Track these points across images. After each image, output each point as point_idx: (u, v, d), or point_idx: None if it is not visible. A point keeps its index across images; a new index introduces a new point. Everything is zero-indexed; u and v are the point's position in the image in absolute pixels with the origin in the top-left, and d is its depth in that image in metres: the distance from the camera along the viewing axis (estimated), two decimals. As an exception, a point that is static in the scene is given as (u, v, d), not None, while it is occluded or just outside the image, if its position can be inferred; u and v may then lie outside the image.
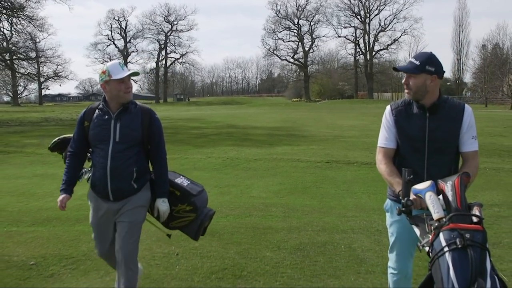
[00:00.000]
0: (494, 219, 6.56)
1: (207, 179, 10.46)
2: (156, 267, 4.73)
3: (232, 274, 4.51)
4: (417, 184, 2.53)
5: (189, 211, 3.61)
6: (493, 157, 14.39)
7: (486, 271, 2.06)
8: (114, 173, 3.38)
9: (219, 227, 6.19)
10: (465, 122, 2.96)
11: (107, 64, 3.45)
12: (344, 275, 4.50)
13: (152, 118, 3.54)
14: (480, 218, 2.24)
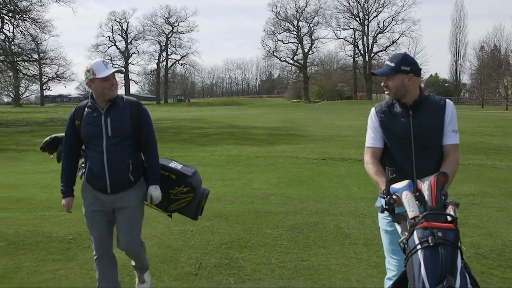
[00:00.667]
0: (466, 205, 7.47)
1: (212, 173, 11.42)
2: (175, 240, 5.67)
3: (238, 245, 5.45)
4: (395, 183, 2.59)
5: (187, 192, 3.75)
6: (479, 154, 15.32)
7: (456, 269, 2.13)
8: (112, 167, 3.48)
9: (226, 211, 7.14)
10: (447, 116, 3.01)
11: (91, 63, 3.52)
12: (331, 246, 5.44)
13: (140, 110, 3.62)
14: (453, 217, 2.29)
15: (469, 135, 21.19)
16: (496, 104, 60.83)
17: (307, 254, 5.17)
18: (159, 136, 18.50)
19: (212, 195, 8.23)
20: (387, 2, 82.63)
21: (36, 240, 5.70)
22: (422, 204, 2.41)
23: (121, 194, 3.55)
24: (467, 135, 21.16)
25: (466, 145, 17.49)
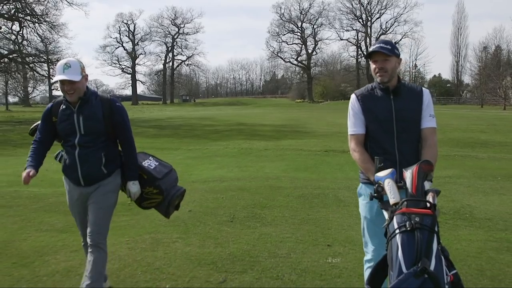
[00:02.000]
0: (441, 183, 9.17)
1: (229, 162, 13.19)
2: (211, 203, 7.44)
3: (260, 206, 7.21)
4: (379, 172, 2.71)
5: (156, 193, 3.78)
6: (466, 148, 17.04)
7: (432, 252, 2.23)
8: (83, 160, 3.53)
9: (246, 186, 8.90)
10: (425, 101, 3.15)
11: (58, 62, 3.57)
12: (330, 207, 7.20)
13: (113, 107, 3.61)
14: (431, 204, 2.40)
15: (461, 132, 22.90)
16: (494, 104, 62.43)
17: (311, 211, 6.93)
18: (174, 132, 21.25)
19: (233, 176, 10.10)
20: (390, 4, 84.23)
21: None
22: (405, 191, 2.56)
23: (95, 186, 3.61)
24: (459, 132, 22.89)
25: (456, 140, 19.23)
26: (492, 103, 64.02)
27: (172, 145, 18.75)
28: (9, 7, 41.38)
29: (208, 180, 9.81)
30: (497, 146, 17.78)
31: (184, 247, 5.26)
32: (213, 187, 8.95)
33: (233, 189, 8.57)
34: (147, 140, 19.95)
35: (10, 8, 41.53)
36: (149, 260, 4.83)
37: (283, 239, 5.53)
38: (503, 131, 23.71)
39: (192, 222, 6.31)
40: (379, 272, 2.48)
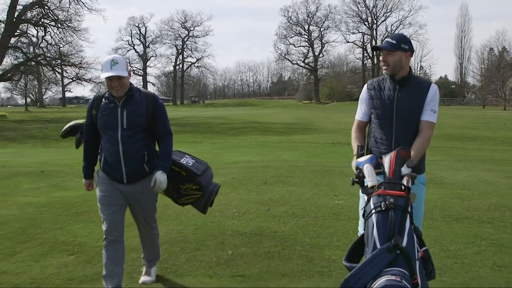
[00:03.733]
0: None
1: (250, 151, 15.60)
2: (242, 173, 9.82)
3: (284, 176, 9.60)
4: (360, 158, 2.93)
5: (196, 190, 3.86)
6: (456, 141, 19.33)
7: (404, 230, 2.41)
8: (128, 157, 3.56)
9: (270, 166, 11.29)
10: (429, 96, 3.25)
11: (104, 58, 3.58)
12: (336, 176, 9.60)
13: (156, 103, 3.68)
14: (406, 186, 2.57)
15: (456, 129, 25.20)
16: (496, 105, 64.52)
17: (322, 179, 9.32)
18: (194, 129, 24.46)
19: (257, 159, 12.48)
20: (395, 7, 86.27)
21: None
22: (383, 176, 2.70)
23: (137, 183, 3.66)
24: (454, 129, 25.18)
25: (449, 135, 21.54)
26: (494, 104, 66.12)
27: (196, 139, 21.15)
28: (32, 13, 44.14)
29: (238, 162, 12.23)
30: (485, 140, 20.08)
31: (237, 195, 7.71)
32: (244, 166, 11.37)
33: (260, 166, 11.00)
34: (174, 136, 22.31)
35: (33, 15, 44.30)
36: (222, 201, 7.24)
37: (304, 192, 7.92)
38: (495, 128, 25.96)
39: (237, 184, 8.74)
40: (356, 250, 2.65)
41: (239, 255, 4.80)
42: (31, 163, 12.47)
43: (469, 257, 4.75)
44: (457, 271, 4.39)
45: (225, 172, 10.11)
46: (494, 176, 9.73)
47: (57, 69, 44.78)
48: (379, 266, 2.27)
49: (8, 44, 42.37)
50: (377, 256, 2.31)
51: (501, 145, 18.37)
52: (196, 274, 4.30)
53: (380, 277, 2.23)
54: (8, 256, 4.82)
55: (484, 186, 8.57)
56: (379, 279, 2.23)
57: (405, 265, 2.29)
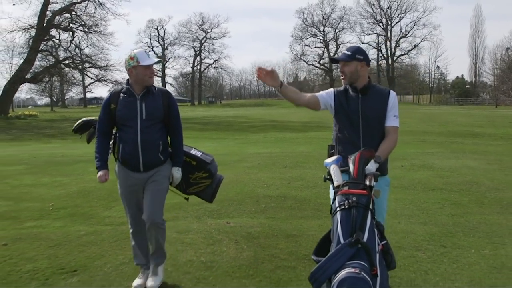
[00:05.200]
0: (423, 153, 13.32)
1: (270, 145, 17.61)
2: (268, 161, 11.79)
3: (301, 162, 11.58)
4: (327, 159, 3.24)
5: (205, 177, 4.11)
6: (458, 137, 21.06)
7: (365, 226, 2.62)
8: (145, 146, 3.79)
9: (289, 155, 13.28)
10: (390, 102, 3.50)
11: (135, 51, 3.81)
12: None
13: (171, 99, 3.95)
14: (368, 186, 2.80)
15: (461, 126, 26.90)
16: (508, 104, 65.57)
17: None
18: (216, 127, 27.29)
19: (277, 151, 14.53)
20: (409, 9, 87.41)
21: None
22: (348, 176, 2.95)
23: (152, 171, 3.89)
24: (460, 126, 26.89)
25: (453, 132, 23.30)
26: (507, 103, 67.13)
27: (220, 135, 23.21)
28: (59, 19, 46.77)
29: (261, 153, 14.23)
30: (486, 137, 21.75)
31: (263, 174, 9.74)
32: (266, 155, 13.38)
33: (280, 156, 13.02)
34: (197, 133, 24.38)
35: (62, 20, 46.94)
36: (253, 178, 9.24)
37: (316, 173, 9.86)
38: (498, 126, 27.53)
39: (263, 167, 10.77)
40: (322, 245, 2.84)
41: (270, 207, 6.84)
42: (83, 153, 14.54)
43: (433, 210, 6.71)
44: (422, 217, 6.36)
45: (251, 160, 12.14)
46: (477, 163, 11.57)
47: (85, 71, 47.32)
48: (342, 260, 2.47)
49: (39, 48, 45.06)
50: (340, 251, 2.51)
51: (499, 140, 20.00)
52: (241, 217, 6.36)
53: (342, 270, 2.43)
54: (107, 208, 6.92)
55: (465, 169, 10.46)
56: (340, 271, 2.43)
57: (366, 258, 2.49)
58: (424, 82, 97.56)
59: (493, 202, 7.20)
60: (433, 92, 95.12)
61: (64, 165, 11.78)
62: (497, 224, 5.98)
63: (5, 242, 5.38)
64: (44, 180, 9.64)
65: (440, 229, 5.73)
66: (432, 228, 5.79)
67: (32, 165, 12.09)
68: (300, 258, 4.72)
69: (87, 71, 47.56)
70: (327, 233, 2.86)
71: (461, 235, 5.51)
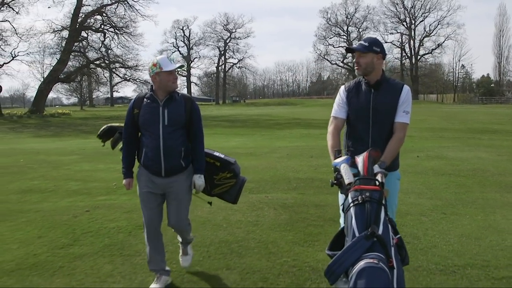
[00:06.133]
0: (439, 147, 14.35)
1: (296, 140, 18.84)
2: (296, 152, 13.02)
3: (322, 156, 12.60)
4: (336, 159, 3.15)
5: (230, 177, 4.16)
6: (476, 133, 21.86)
7: (379, 220, 2.64)
8: (167, 152, 3.82)
9: (314, 147, 14.47)
10: (402, 97, 3.43)
11: (157, 58, 3.86)
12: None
13: (193, 105, 3.98)
14: (380, 182, 2.83)
15: (481, 124, 27.65)
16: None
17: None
18: (244, 124, 29.08)
19: (303, 144, 15.80)
20: (433, 8, 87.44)
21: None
22: (358, 174, 2.94)
23: (174, 178, 3.92)
24: (480, 124, 27.64)
25: (472, 129, 24.13)
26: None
27: (248, 132, 24.45)
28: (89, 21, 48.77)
29: (288, 146, 15.46)
30: (503, 133, 22.47)
31: (292, 163, 10.99)
32: (293, 148, 14.62)
33: (306, 148, 14.26)
34: (226, 129, 25.68)
35: (93, 22, 48.94)
36: (283, 165, 10.47)
37: (340, 162, 11.03)
38: (517, 123, 28.26)
39: (291, 157, 12.03)
40: (337, 240, 2.87)
41: (300, 186, 8.10)
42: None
43: (440, 189, 7.87)
44: (429, 194, 7.52)
45: (280, 151, 13.40)
46: (488, 155, 12.58)
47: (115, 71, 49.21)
48: (358, 252, 2.48)
49: (72, 48, 47.08)
50: (356, 243, 2.52)
51: (516, 136, 20.84)
52: (276, 192, 7.64)
53: (360, 261, 2.44)
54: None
55: (475, 159, 11.51)
56: (358, 263, 2.44)
57: (382, 250, 2.49)
58: (448, 81, 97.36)
59: (494, 184, 8.30)
60: (457, 91, 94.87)
61: (113, 156, 12.91)
62: (493, 199, 7.11)
63: (87, 209, 6.73)
64: (100, 166, 11.04)
65: (443, 202, 6.90)
66: (436, 201, 6.96)
67: (83, 155, 13.53)
68: (326, 220, 5.95)
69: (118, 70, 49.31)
70: (341, 230, 2.89)
71: (460, 206, 6.67)
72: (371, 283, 2.33)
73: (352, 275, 2.41)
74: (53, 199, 7.56)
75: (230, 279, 4.19)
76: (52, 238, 5.47)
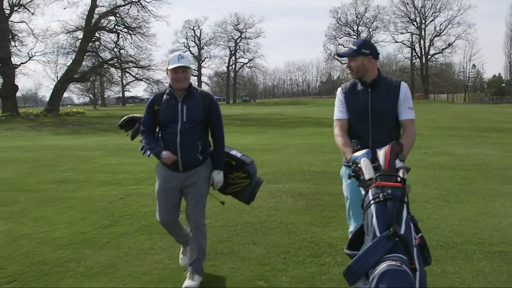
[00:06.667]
0: (447, 144, 14.89)
1: (308, 137, 19.43)
2: (309, 148, 13.64)
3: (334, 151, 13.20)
4: (356, 152, 3.00)
5: (244, 178, 4.15)
6: (485, 132, 22.29)
7: (401, 219, 2.54)
8: (184, 147, 3.87)
9: (326, 144, 15.06)
10: (401, 95, 3.43)
11: (171, 55, 3.93)
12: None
13: (212, 101, 4.01)
14: (402, 178, 2.69)
15: (490, 123, 28.06)
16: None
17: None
18: (256, 123, 29.99)
19: (315, 141, 16.48)
20: (443, 7, 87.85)
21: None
22: (378, 169, 2.81)
23: (191, 171, 3.97)
24: (489, 123, 28.05)
25: (481, 128, 24.57)
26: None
27: (260, 130, 25.09)
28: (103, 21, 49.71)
29: (301, 143, 16.07)
30: (511, 132, 22.97)
31: (306, 157, 11.60)
32: (306, 144, 15.25)
33: (318, 145, 14.86)
34: (239, 128, 26.33)
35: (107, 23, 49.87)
36: (297, 159, 11.10)
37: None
38: (527, 123, 28.62)
39: (304, 153, 12.65)
40: (356, 239, 2.79)
41: (314, 178, 8.75)
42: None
43: (445, 181, 8.46)
44: (434, 185, 8.11)
45: (293, 147, 14.05)
46: (493, 151, 13.10)
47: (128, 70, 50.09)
48: (379, 253, 2.40)
49: (86, 49, 48.01)
50: (378, 244, 2.43)
51: (524, 135, 21.29)
52: (293, 183, 8.30)
53: (381, 263, 2.36)
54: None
55: (481, 155, 12.05)
56: (380, 265, 2.36)
57: (404, 251, 2.41)
58: (459, 80, 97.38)
59: (496, 177, 8.87)
60: (468, 91, 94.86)
61: (135, 151, 13.76)
62: (494, 190, 7.69)
63: (121, 197, 7.41)
64: (124, 160, 11.75)
65: (447, 192, 7.49)
66: (441, 191, 7.56)
67: (107, 150, 14.28)
68: (339, 206, 6.54)
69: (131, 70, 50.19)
70: (360, 228, 2.81)
71: (463, 195, 7.26)
72: (394, 286, 2.28)
73: (373, 277, 2.35)
74: (87, 188, 8.25)
75: (256, 251, 4.84)
76: (94, 220, 6.16)
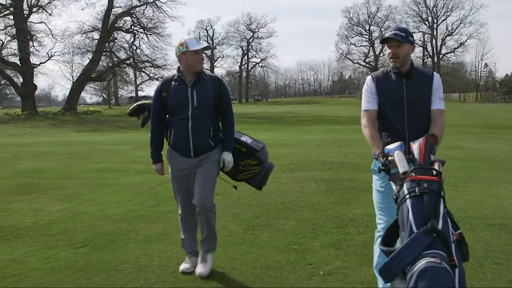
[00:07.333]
0: (458, 139, 15.56)
1: (322, 134, 20.17)
2: (326, 143, 14.38)
3: (350, 145, 14.07)
4: (389, 145, 2.86)
5: (254, 165, 4.13)
6: (494, 129, 22.92)
7: (439, 214, 2.43)
8: (195, 133, 3.88)
9: (340, 140, 15.80)
10: (434, 85, 3.38)
11: (185, 38, 3.89)
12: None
13: (221, 85, 4.01)
14: (438, 171, 2.57)
15: (501, 121, 28.61)
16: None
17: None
18: (271, 121, 31.19)
19: (330, 137, 17.19)
20: (455, 7, 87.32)
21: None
22: (413, 162, 2.67)
23: (202, 156, 3.97)
24: (499, 120, 28.62)
25: (491, 125, 25.17)
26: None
27: (275, 127, 25.88)
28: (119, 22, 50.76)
29: (317, 139, 16.81)
30: (521, 129, 23.56)
31: (323, 151, 12.37)
32: (321, 140, 16.01)
33: (334, 140, 15.64)
34: (254, 125, 27.13)
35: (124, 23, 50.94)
36: (316, 152, 11.87)
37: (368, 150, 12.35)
38: (537, 121, 29.12)
39: (321, 147, 13.41)
40: (390, 234, 2.70)
41: (334, 167, 9.51)
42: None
43: (454, 170, 9.18)
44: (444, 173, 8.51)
45: (310, 142, 14.82)
46: (502, 146, 13.78)
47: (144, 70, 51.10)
48: (417, 249, 2.31)
49: (103, 49, 49.11)
50: (415, 240, 2.33)
51: (533, 132, 21.85)
52: (314, 171, 9.07)
53: (420, 260, 2.26)
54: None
55: (489, 149, 12.75)
56: (418, 261, 2.26)
57: (442, 247, 2.32)
58: (471, 80, 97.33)
59: (502, 167, 9.59)
60: (480, 90, 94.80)
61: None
62: (498, 177, 8.41)
63: (160, 183, 8.22)
64: (154, 153, 12.55)
65: (456, 179, 8.22)
66: (450, 178, 8.25)
67: (134, 145, 15.14)
68: (359, 189, 7.33)
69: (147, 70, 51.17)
70: (393, 224, 2.70)
71: (470, 182, 8.00)
72: (435, 284, 2.17)
73: (412, 275, 2.24)
74: (126, 176, 9.09)
75: (289, 224, 5.62)
76: (140, 201, 6.98)
